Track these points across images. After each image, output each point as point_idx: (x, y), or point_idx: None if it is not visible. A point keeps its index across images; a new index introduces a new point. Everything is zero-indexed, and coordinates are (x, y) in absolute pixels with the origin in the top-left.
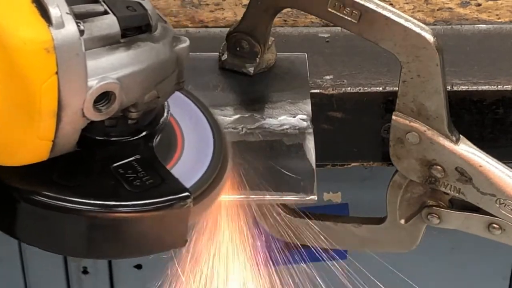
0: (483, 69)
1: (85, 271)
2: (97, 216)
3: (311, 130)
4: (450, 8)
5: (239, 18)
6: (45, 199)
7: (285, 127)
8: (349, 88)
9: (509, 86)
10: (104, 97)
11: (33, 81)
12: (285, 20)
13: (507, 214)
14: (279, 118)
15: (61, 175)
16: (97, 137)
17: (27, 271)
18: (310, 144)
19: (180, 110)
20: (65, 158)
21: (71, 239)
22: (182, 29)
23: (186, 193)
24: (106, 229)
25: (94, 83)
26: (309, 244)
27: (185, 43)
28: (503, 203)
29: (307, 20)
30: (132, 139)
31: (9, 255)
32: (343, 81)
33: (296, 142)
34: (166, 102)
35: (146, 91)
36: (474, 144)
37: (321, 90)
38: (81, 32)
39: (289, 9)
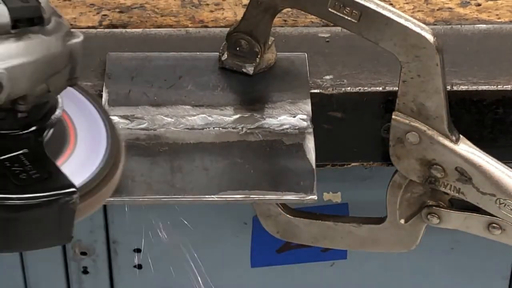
0: (483, 69)
1: (85, 271)
2: None
3: (311, 130)
4: (450, 8)
5: (239, 18)
6: None
7: (285, 127)
8: (349, 88)
9: (509, 86)
10: None
11: None
12: (285, 20)
13: (507, 214)
14: (279, 118)
15: None
16: None
17: (27, 271)
18: (310, 144)
19: (75, 107)
20: None
21: None
22: (182, 29)
23: (73, 189)
24: None
25: None
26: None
27: (79, 38)
28: (503, 203)
29: (307, 20)
30: (21, 133)
31: (9, 255)
32: (343, 81)
33: (296, 142)
34: (59, 99)
35: (35, 84)
36: (474, 144)
37: (321, 90)
38: None
39: (289, 9)
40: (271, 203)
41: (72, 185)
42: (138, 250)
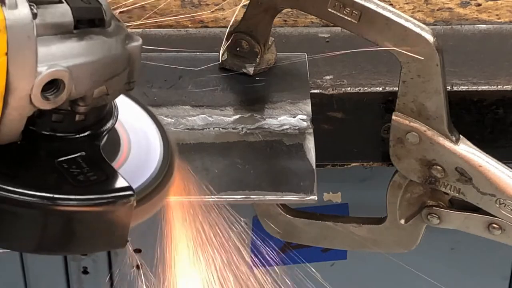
0: (483, 69)
1: (85, 271)
2: (37, 208)
3: (311, 130)
4: (450, 8)
5: (239, 18)
6: None
7: (285, 127)
8: (349, 88)
9: (509, 86)
10: (53, 86)
11: None
12: (285, 20)
13: (507, 214)
14: (279, 118)
15: (3, 165)
16: (43, 132)
17: (27, 271)
18: (310, 144)
19: (128, 113)
20: (8, 149)
21: (11, 231)
22: (182, 29)
23: (130, 191)
24: (46, 222)
25: (44, 69)
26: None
27: (138, 42)
28: (503, 203)
29: (307, 20)
30: (78, 136)
31: (9, 255)
32: (343, 81)
33: (296, 142)
34: (115, 106)
35: (95, 84)
36: (474, 144)
37: (321, 90)
38: (34, 15)
39: (289, 9)
40: (271, 203)
41: (130, 188)
42: (138, 250)
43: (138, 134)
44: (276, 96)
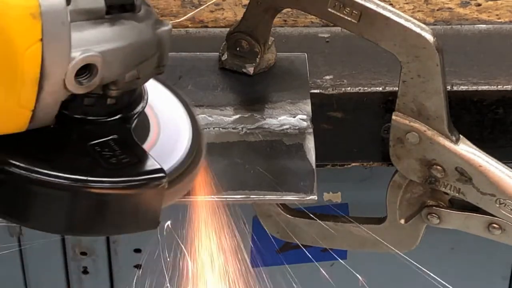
0: (483, 69)
1: (85, 271)
2: (71, 190)
3: (311, 130)
4: (450, 8)
5: (239, 18)
6: (20, 170)
7: (285, 127)
8: (349, 88)
9: (509, 86)
10: (86, 70)
11: (18, 46)
12: (285, 20)
13: (507, 214)
14: (279, 118)
15: (37, 149)
16: (75, 116)
17: (27, 271)
18: (310, 144)
19: (157, 97)
20: (42, 133)
21: (44, 213)
22: (182, 29)
23: (162, 174)
24: (80, 204)
25: (77, 55)
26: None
27: (167, 26)
28: (503, 203)
29: (307, 20)
30: (110, 119)
31: (9, 255)
32: (343, 81)
33: (296, 142)
34: (145, 89)
35: (127, 69)
36: (474, 144)
37: (321, 90)
38: (68, 2)
39: (289, 9)
40: (271, 203)
41: (162, 170)
42: (138, 250)
43: (167, 116)
44: (276, 96)
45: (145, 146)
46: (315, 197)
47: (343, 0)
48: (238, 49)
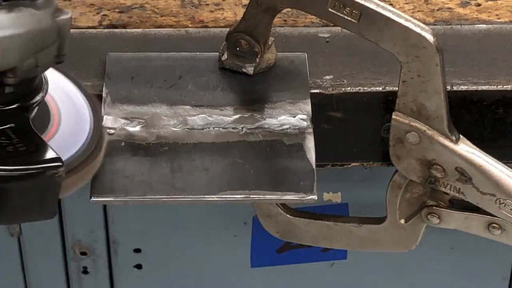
0: (483, 69)
1: (85, 271)
2: None
3: (311, 130)
4: (450, 8)
5: (239, 18)
6: None
7: (285, 127)
8: (349, 88)
9: (509, 86)
10: None
11: None
12: (285, 20)
13: (507, 214)
14: (279, 118)
15: None
16: None
17: (27, 271)
18: (310, 144)
19: (58, 88)
20: None
21: None
22: (182, 29)
23: (59, 163)
24: None
25: None
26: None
27: (67, 15)
28: (503, 203)
29: (307, 20)
30: (7, 108)
31: (9, 255)
32: (343, 81)
33: (296, 142)
34: (45, 79)
35: (24, 56)
36: (474, 144)
37: (321, 90)
38: None
39: (289, 9)
40: (271, 203)
41: (59, 159)
42: (138, 250)
43: (68, 107)
44: (276, 96)
45: (45, 136)
46: (315, 197)
47: (343, 0)
48: (238, 49)
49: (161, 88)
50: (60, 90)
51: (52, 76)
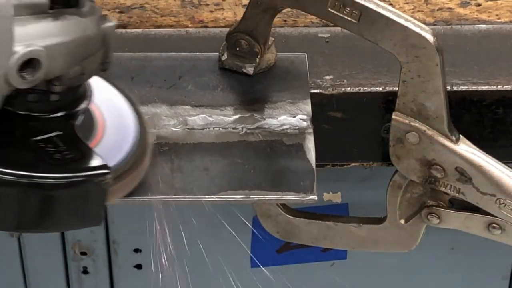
0: (483, 69)
1: (85, 271)
2: (14, 186)
3: (311, 130)
4: (450, 8)
5: (239, 18)
6: None
7: (285, 127)
8: (349, 88)
9: (509, 86)
10: (30, 66)
11: None
12: (285, 20)
13: (507, 214)
14: (279, 118)
15: None
16: (19, 112)
17: (27, 271)
18: (310, 144)
19: (103, 95)
20: None
21: None
22: (182, 29)
23: (106, 170)
24: (23, 200)
25: (20, 49)
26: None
27: (112, 23)
28: (503, 203)
29: (307, 20)
30: (53, 116)
31: (9, 255)
32: (343, 81)
33: (296, 142)
34: (90, 87)
35: (71, 64)
36: (474, 144)
37: (321, 90)
38: None
39: (289, 9)
40: (271, 203)
41: (106, 166)
42: (138, 250)
43: (113, 114)
44: (276, 96)
45: (90, 143)
46: (315, 197)
47: (343, 0)
48: (238, 49)
49: (161, 88)
50: (103, 96)
51: (95, 82)
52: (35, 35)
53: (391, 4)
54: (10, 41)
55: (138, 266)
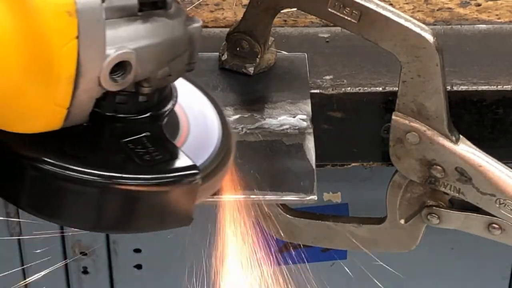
0: (483, 69)
1: (85, 271)
2: (105, 187)
3: (311, 130)
4: (450, 8)
5: (239, 18)
6: (53, 168)
7: (285, 127)
8: (349, 88)
9: (509, 86)
10: (120, 68)
11: (54, 44)
12: (285, 20)
13: (507, 214)
14: (279, 118)
15: (71, 146)
16: (107, 113)
17: (27, 271)
18: (310, 144)
19: (186, 95)
20: (75, 131)
21: (77, 210)
22: None
23: (195, 170)
24: (114, 201)
25: (112, 52)
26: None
27: (198, 23)
28: (503, 203)
29: (307, 20)
30: (141, 117)
31: (9, 255)
32: (343, 81)
33: (296, 142)
34: (175, 87)
35: (159, 66)
36: (474, 144)
37: (321, 90)
38: None
39: (289, 9)
40: (271, 203)
41: (195, 166)
42: (138, 250)
43: (196, 113)
44: (276, 96)
45: (176, 143)
46: (315, 197)
47: (343, 0)
48: (238, 49)
49: None
50: (186, 96)
51: (179, 83)
52: (126, 38)
53: (391, 4)
54: (103, 44)
55: (138, 266)
